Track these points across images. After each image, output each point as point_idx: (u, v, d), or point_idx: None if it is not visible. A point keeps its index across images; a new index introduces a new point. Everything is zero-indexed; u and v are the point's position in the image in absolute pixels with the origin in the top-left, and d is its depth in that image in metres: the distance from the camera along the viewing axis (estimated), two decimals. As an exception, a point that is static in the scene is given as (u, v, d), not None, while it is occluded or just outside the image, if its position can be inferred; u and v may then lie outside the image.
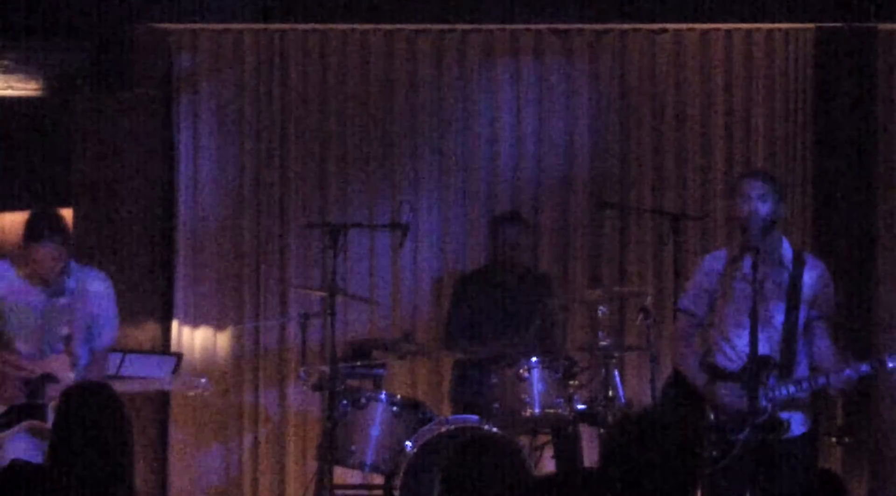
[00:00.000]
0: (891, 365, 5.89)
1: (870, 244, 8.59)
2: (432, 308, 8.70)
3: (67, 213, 8.52)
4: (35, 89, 8.58)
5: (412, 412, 7.50)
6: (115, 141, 8.63)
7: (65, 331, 6.67)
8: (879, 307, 8.54)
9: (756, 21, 8.66)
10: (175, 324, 8.71)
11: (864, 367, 5.90)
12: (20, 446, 6.40)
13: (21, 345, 6.68)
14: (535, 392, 7.36)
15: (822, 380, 5.92)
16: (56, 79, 8.57)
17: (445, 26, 8.76)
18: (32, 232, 6.56)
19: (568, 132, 8.76)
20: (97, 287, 6.75)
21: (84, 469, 4.24)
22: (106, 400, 4.42)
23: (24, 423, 6.44)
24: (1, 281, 6.72)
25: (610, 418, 7.24)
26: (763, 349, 5.90)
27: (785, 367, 5.98)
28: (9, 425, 6.43)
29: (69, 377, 6.56)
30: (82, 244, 8.41)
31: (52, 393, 6.39)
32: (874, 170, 8.61)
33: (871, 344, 8.37)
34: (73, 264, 6.70)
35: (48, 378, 6.51)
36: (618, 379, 7.42)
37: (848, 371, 5.89)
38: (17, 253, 6.79)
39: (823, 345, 6.06)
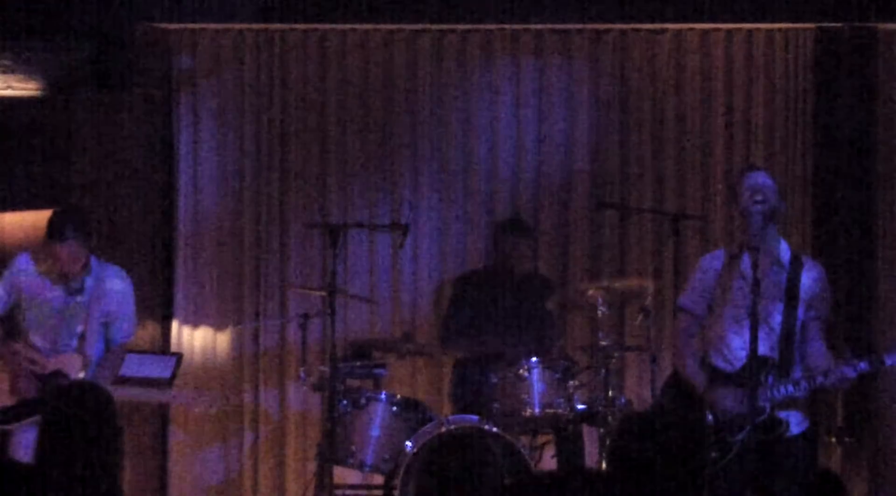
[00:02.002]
0: (889, 362, 5.89)
1: (870, 244, 8.59)
2: (432, 308, 8.70)
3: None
4: (35, 89, 8.58)
5: (412, 412, 7.50)
6: (115, 141, 8.63)
7: (79, 329, 6.73)
8: (879, 307, 8.54)
9: (756, 21, 8.66)
10: (175, 324, 8.71)
11: (863, 365, 5.90)
12: (30, 439, 6.48)
13: (36, 339, 6.75)
14: (535, 392, 7.35)
15: (819, 378, 5.92)
16: (56, 79, 8.57)
17: (445, 26, 8.76)
18: (55, 231, 6.62)
19: (568, 132, 8.75)
20: (116, 285, 6.83)
21: (71, 469, 4.23)
22: (98, 401, 4.41)
23: (36, 417, 6.50)
24: (22, 275, 6.79)
25: (610, 418, 7.24)
26: (761, 348, 5.90)
27: (783, 367, 5.98)
28: (18, 418, 6.48)
29: (79, 376, 6.61)
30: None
31: None
32: (874, 170, 8.61)
33: (871, 343, 8.37)
34: (93, 261, 6.76)
35: (59, 374, 6.58)
36: (618, 379, 7.42)
37: (846, 368, 5.89)
38: (39, 248, 6.84)
39: (816, 347, 6.06)
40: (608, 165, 8.74)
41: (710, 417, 5.99)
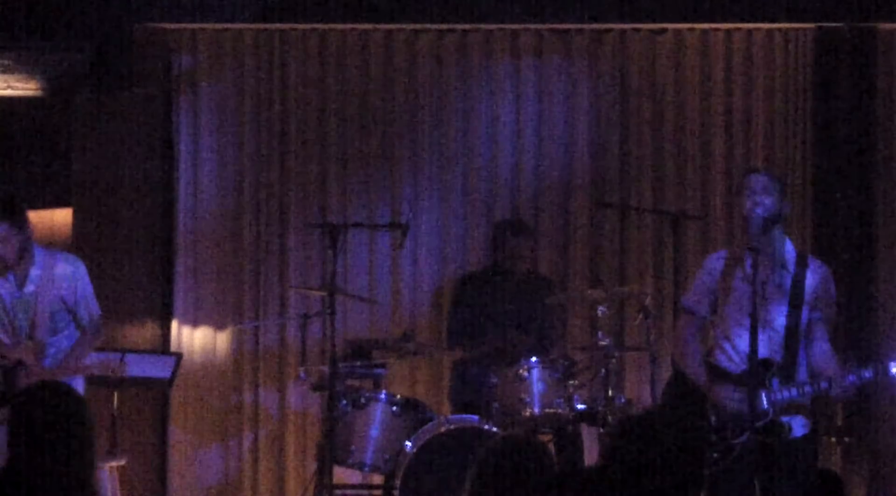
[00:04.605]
0: (894, 371, 5.85)
1: (870, 244, 8.59)
2: (432, 308, 8.71)
3: (67, 213, 8.55)
4: (35, 89, 8.58)
5: (412, 412, 7.50)
6: (115, 141, 8.64)
7: (32, 317, 6.78)
8: (879, 307, 8.54)
9: (756, 21, 8.66)
10: (175, 324, 8.71)
11: (867, 373, 5.86)
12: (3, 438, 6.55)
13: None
14: (535, 392, 7.35)
15: (824, 385, 5.87)
16: (56, 79, 8.57)
17: (445, 26, 8.76)
18: None
19: (568, 132, 8.76)
20: (63, 269, 6.84)
21: (42, 471, 4.22)
22: (61, 400, 4.38)
23: (4, 411, 6.57)
24: None
25: (610, 418, 7.24)
26: (764, 351, 5.88)
27: (786, 370, 5.95)
28: None
29: (37, 364, 6.67)
30: (82, 244, 8.42)
31: (23, 379, 6.62)
32: (874, 170, 8.61)
33: (872, 344, 8.37)
34: (38, 251, 6.80)
35: (20, 365, 6.63)
36: (618, 379, 7.42)
37: (851, 377, 5.85)
38: None
39: (821, 349, 6.02)
40: (608, 165, 8.75)
41: (712, 418, 5.98)
